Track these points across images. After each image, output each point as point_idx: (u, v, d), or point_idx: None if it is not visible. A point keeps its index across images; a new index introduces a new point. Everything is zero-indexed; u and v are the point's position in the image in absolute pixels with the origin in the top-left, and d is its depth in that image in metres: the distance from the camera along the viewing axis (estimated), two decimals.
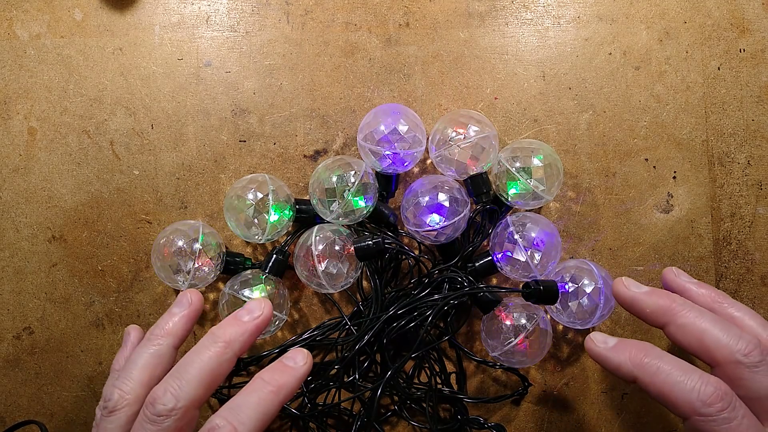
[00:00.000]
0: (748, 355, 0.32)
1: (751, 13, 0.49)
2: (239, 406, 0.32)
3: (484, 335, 0.46)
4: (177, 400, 0.32)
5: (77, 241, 0.49)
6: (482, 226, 0.47)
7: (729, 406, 0.31)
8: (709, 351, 0.33)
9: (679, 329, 0.34)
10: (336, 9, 0.49)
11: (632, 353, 0.34)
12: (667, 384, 0.32)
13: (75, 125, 0.49)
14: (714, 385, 0.31)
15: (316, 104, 0.49)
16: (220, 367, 0.34)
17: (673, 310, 0.35)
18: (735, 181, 0.49)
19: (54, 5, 0.49)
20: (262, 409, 0.32)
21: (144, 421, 0.32)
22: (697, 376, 0.32)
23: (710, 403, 0.31)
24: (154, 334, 0.37)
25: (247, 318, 0.36)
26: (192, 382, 0.33)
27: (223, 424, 0.31)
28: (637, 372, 0.33)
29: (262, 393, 0.33)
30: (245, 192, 0.44)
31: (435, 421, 0.44)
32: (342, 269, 0.44)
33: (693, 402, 0.31)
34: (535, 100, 0.49)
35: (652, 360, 0.33)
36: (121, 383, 0.35)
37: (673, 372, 0.32)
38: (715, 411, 0.31)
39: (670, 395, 0.32)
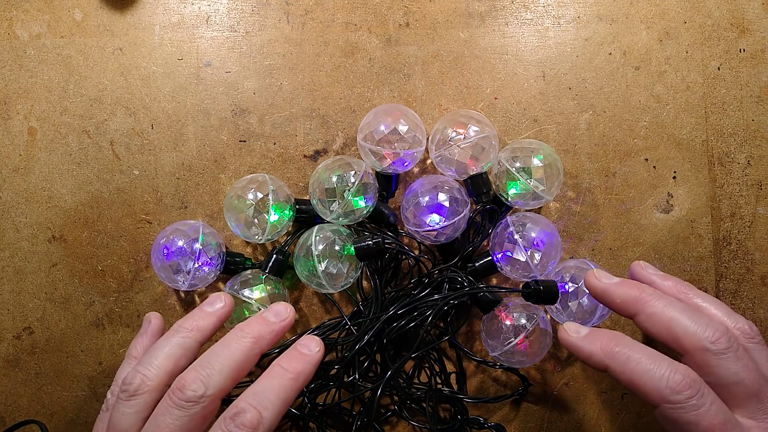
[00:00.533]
0: (715, 342, 0.33)
1: (751, 13, 0.49)
2: (262, 391, 0.33)
3: (484, 335, 0.46)
4: (206, 388, 0.32)
5: (77, 241, 0.49)
6: (482, 226, 0.47)
7: (697, 393, 0.31)
8: (677, 339, 0.34)
9: (648, 318, 0.35)
10: (336, 9, 0.49)
11: (603, 342, 0.35)
12: (637, 372, 0.32)
13: (75, 125, 0.49)
14: (682, 372, 0.32)
15: (316, 104, 0.49)
16: (247, 361, 0.35)
17: (642, 300, 0.35)
18: (735, 181, 0.49)
19: (54, 5, 0.49)
20: (284, 395, 0.33)
21: (171, 407, 0.32)
22: (666, 364, 0.32)
23: (679, 391, 0.31)
24: (183, 326, 0.37)
25: (274, 319, 0.37)
26: (222, 372, 0.33)
27: (248, 408, 0.31)
28: (608, 361, 0.34)
29: (282, 380, 0.34)
30: (245, 192, 0.44)
31: (435, 421, 0.44)
32: (342, 269, 0.44)
33: (662, 390, 0.31)
34: (535, 100, 0.49)
35: (623, 349, 0.34)
36: (144, 368, 0.35)
37: (643, 360, 0.33)
38: (684, 398, 0.31)
39: (640, 383, 0.32)
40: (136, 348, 0.41)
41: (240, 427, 0.31)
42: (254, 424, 0.31)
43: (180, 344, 0.36)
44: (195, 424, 0.32)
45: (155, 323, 0.42)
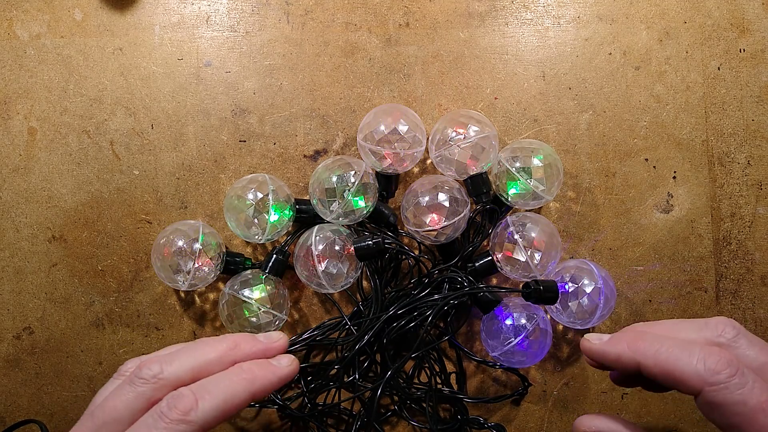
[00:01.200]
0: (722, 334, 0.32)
1: (751, 13, 0.49)
2: (209, 382, 0.32)
3: (484, 335, 0.46)
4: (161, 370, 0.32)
5: (77, 241, 0.49)
6: (482, 226, 0.47)
7: (737, 371, 0.30)
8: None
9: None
10: (336, 9, 0.49)
11: (629, 341, 0.33)
12: (670, 361, 0.31)
13: (75, 125, 0.49)
14: (717, 353, 0.31)
15: (316, 104, 0.49)
16: (217, 360, 0.33)
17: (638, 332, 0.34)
18: (735, 181, 0.49)
19: (54, 5, 0.49)
20: (230, 391, 0.31)
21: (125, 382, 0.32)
22: (698, 348, 0.31)
23: (718, 371, 0.30)
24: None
25: (263, 339, 0.35)
26: (184, 364, 0.32)
27: (186, 393, 0.30)
28: (638, 357, 0.33)
29: (234, 377, 0.32)
30: (245, 192, 0.44)
31: (435, 421, 0.44)
32: (342, 269, 0.44)
33: (701, 373, 0.30)
34: (535, 100, 0.49)
35: (650, 343, 0.33)
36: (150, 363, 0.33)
37: (673, 349, 0.32)
38: (725, 377, 0.30)
39: (676, 371, 0.31)
40: None
41: (172, 409, 0.30)
42: (186, 410, 0.30)
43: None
44: (140, 405, 0.31)
45: None
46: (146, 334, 0.49)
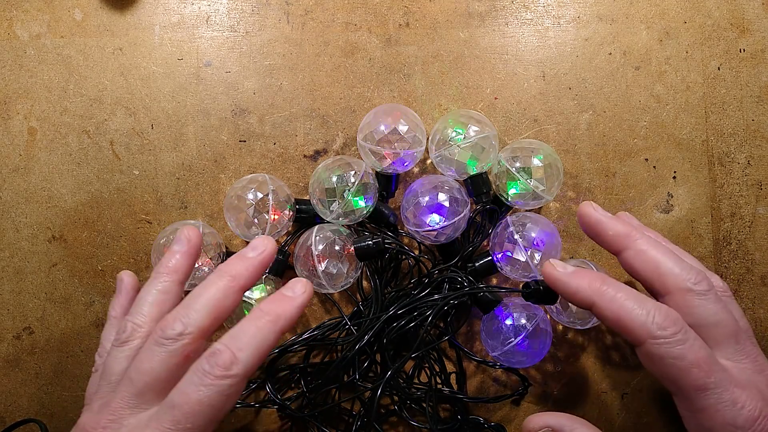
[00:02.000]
0: (697, 284, 0.34)
1: (751, 13, 0.49)
2: (238, 333, 0.33)
3: (484, 335, 0.46)
4: (185, 327, 0.33)
5: (77, 241, 0.49)
6: (482, 226, 0.47)
7: (681, 329, 0.33)
8: (662, 277, 0.35)
9: (637, 255, 0.36)
10: (336, 9, 0.49)
11: (590, 279, 0.35)
12: (624, 309, 0.34)
13: (75, 125, 0.49)
14: (665, 311, 0.33)
15: (316, 104, 0.49)
16: (226, 299, 0.35)
17: (633, 237, 0.37)
18: (735, 181, 0.49)
19: (54, 5, 0.49)
20: (261, 337, 0.33)
21: (152, 344, 0.33)
22: (651, 303, 0.34)
23: (664, 327, 0.33)
24: (159, 272, 0.38)
25: (252, 254, 0.37)
26: (200, 311, 0.34)
27: (222, 349, 0.32)
28: (595, 297, 0.35)
29: (260, 322, 0.34)
30: (245, 192, 0.44)
31: (435, 421, 0.44)
32: (342, 269, 0.44)
33: (648, 325, 0.33)
34: (535, 100, 0.49)
35: (610, 288, 0.35)
36: (133, 317, 0.36)
37: (629, 299, 0.34)
38: (669, 334, 0.32)
39: (626, 320, 0.33)
40: (114, 309, 0.42)
41: (214, 366, 0.32)
42: (227, 364, 0.32)
43: (161, 290, 0.37)
44: (175, 362, 0.33)
45: (128, 280, 0.43)
46: None
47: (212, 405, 0.31)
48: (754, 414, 0.32)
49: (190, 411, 0.31)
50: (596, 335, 0.49)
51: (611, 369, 0.49)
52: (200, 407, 0.31)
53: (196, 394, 0.31)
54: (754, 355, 0.35)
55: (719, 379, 0.32)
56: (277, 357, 0.46)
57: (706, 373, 0.32)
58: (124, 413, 0.33)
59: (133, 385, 0.33)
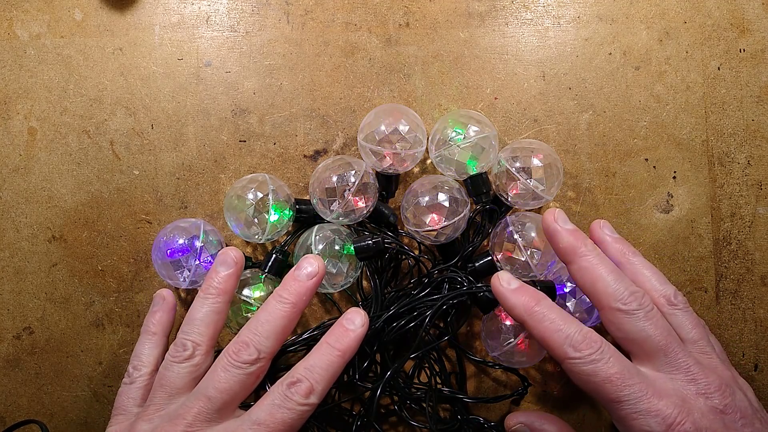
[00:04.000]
0: (626, 303, 0.37)
1: (751, 13, 0.49)
2: (314, 366, 0.38)
3: (484, 335, 0.46)
4: (259, 353, 0.38)
5: (77, 241, 0.49)
6: (482, 226, 0.47)
7: (597, 351, 0.36)
8: (597, 294, 0.38)
9: (579, 270, 0.39)
10: (336, 9, 0.49)
11: (526, 299, 0.39)
12: (548, 330, 0.37)
13: (75, 125, 0.49)
14: (585, 334, 0.37)
15: (316, 104, 0.49)
16: (290, 323, 0.39)
17: (580, 252, 0.39)
18: (735, 181, 0.49)
19: (54, 5, 0.49)
20: (332, 370, 0.38)
21: (229, 366, 0.37)
22: (575, 326, 0.37)
23: (579, 349, 0.36)
24: (209, 293, 0.40)
25: (307, 278, 0.40)
26: (270, 338, 0.38)
27: (303, 380, 0.37)
28: (525, 317, 0.38)
29: (331, 357, 0.38)
30: (245, 192, 0.44)
31: (435, 421, 0.44)
32: (342, 269, 0.44)
33: (565, 347, 0.36)
34: (535, 100, 0.49)
35: (542, 309, 0.38)
36: (191, 336, 0.39)
37: (555, 320, 0.37)
38: (584, 355, 0.36)
39: (549, 340, 0.37)
40: (154, 325, 0.44)
41: (295, 394, 0.36)
42: (307, 393, 0.37)
43: (214, 310, 0.40)
44: (250, 381, 0.38)
45: (170, 300, 0.45)
46: None
47: (292, 426, 0.36)
48: (668, 421, 0.34)
49: (274, 428, 0.36)
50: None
51: None
52: (283, 427, 0.36)
53: (281, 415, 0.36)
54: (686, 366, 0.37)
55: (633, 391, 0.35)
56: (277, 357, 0.46)
57: (619, 387, 0.35)
58: (200, 426, 0.36)
59: (210, 401, 0.37)
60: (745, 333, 0.49)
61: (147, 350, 0.43)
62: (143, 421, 0.37)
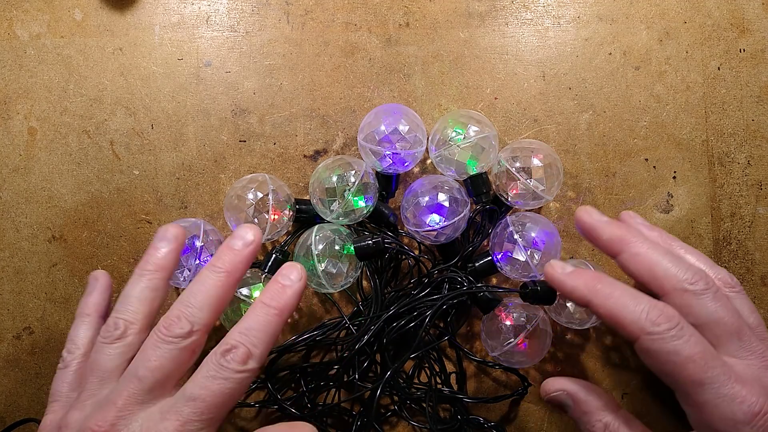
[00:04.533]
0: (693, 284, 0.35)
1: (751, 13, 0.49)
2: (249, 329, 0.35)
3: (484, 335, 0.46)
4: (192, 325, 0.35)
5: (77, 241, 0.49)
6: (482, 226, 0.47)
7: (676, 326, 0.33)
8: (657, 280, 0.36)
9: (632, 258, 0.37)
10: (336, 9, 0.49)
11: (587, 279, 0.36)
12: (618, 306, 0.34)
13: (75, 125, 0.49)
14: (661, 308, 0.34)
15: (316, 104, 0.49)
16: (225, 294, 0.37)
17: (627, 240, 0.37)
18: (735, 181, 0.49)
19: (54, 5, 0.49)
20: (270, 330, 0.35)
21: (159, 341, 0.34)
22: (646, 300, 0.34)
23: (658, 323, 0.33)
24: (145, 269, 0.38)
25: (241, 246, 0.37)
26: (204, 309, 0.35)
27: (238, 345, 0.34)
28: (590, 296, 0.36)
29: (267, 317, 0.35)
30: (245, 192, 0.44)
31: (435, 421, 0.44)
32: (342, 269, 0.44)
33: (642, 321, 0.33)
34: (535, 100, 0.49)
35: (605, 286, 0.35)
36: (123, 314, 0.37)
37: (623, 296, 0.35)
38: (663, 330, 0.33)
39: (620, 317, 0.34)
40: (87, 306, 0.41)
41: (231, 362, 0.33)
42: (244, 359, 0.34)
43: (150, 287, 0.38)
44: (184, 357, 0.35)
45: (104, 280, 0.43)
46: None
47: (232, 396, 0.33)
48: (754, 409, 0.32)
49: (212, 402, 0.33)
50: (596, 335, 0.49)
51: (611, 369, 0.49)
52: (222, 398, 0.33)
53: (217, 386, 0.33)
54: (761, 351, 0.35)
55: (717, 373, 0.32)
56: (277, 357, 0.46)
57: (703, 368, 0.32)
58: (133, 409, 0.34)
59: (141, 382, 0.34)
60: None
61: (81, 332, 0.40)
62: (76, 410, 0.35)
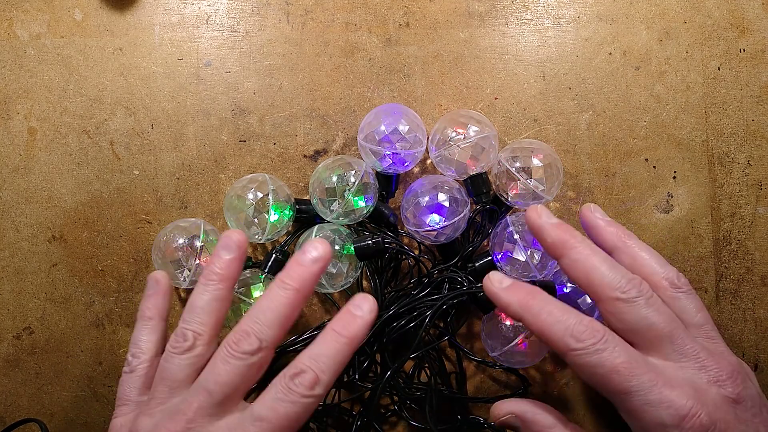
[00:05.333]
0: (626, 291, 0.35)
1: (751, 13, 0.49)
2: (319, 355, 0.35)
3: (484, 335, 0.46)
4: (260, 342, 0.35)
5: (77, 241, 0.49)
6: (482, 226, 0.47)
7: (600, 339, 0.34)
8: (593, 287, 0.36)
9: (571, 263, 0.37)
10: (336, 9, 0.49)
11: (521, 295, 0.37)
12: (547, 324, 0.35)
13: (75, 125, 0.49)
14: (586, 323, 0.35)
15: (316, 104, 0.49)
16: (294, 311, 0.36)
17: (569, 245, 0.37)
18: (735, 181, 0.49)
19: (54, 5, 0.49)
20: (339, 359, 0.35)
21: (229, 356, 0.35)
22: (574, 316, 0.35)
23: (582, 339, 0.34)
24: (210, 279, 0.37)
25: (310, 262, 0.37)
26: (273, 326, 0.35)
27: (307, 370, 0.34)
28: (522, 312, 0.36)
29: (338, 344, 0.35)
30: (245, 192, 0.44)
31: (435, 421, 0.44)
32: (342, 269, 0.44)
33: (566, 338, 0.34)
34: (535, 100, 0.49)
35: (538, 302, 0.36)
36: (191, 326, 0.37)
37: (553, 312, 0.35)
38: (586, 345, 0.34)
39: (549, 333, 0.35)
40: (150, 310, 0.41)
41: (299, 386, 0.34)
42: (312, 384, 0.34)
43: (215, 297, 0.37)
44: (252, 373, 0.35)
45: (165, 283, 0.42)
46: None
47: (297, 420, 0.34)
48: (681, 412, 0.33)
49: (278, 424, 0.33)
50: None
51: None
52: (287, 422, 0.33)
53: (284, 409, 0.33)
54: (694, 353, 0.35)
55: (642, 381, 0.33)
56: (277, 357, 0.46)
57: (627, 378, 0.33)
58: (202, 421, 0.34)
59: (211, 395, 0.34)
60: (745, 333, 0.49)
61: (145, 336, 0.40)
62: (146, 416, 0.36)
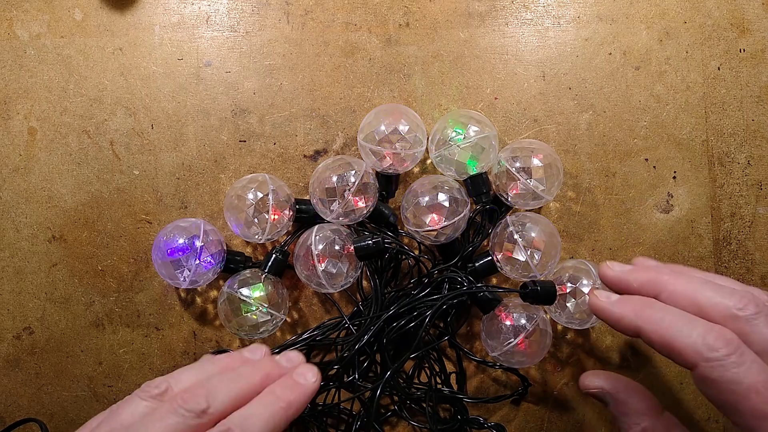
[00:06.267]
0: (743, 309, 0.31)
1: (751, 13, 0.49)
2: (251, 416, 0.32)
3: (484, 335, 0.46)
4: (209, 406, 0.32)
5: (77, 241, 0.49)
6: (482, 226, 0.47)
7: (737, 350, 0.30)
8: (704, 311, 0.32)
9: (671, 296, 0.33)
10: (336, 9, 0.49)
11: (636, 305, 0.33)
12: (671, 332, 0.31)
13: (75, 125, 0.49)
14: (718, 331, 0.30)
15: (316, 104, 0.49)
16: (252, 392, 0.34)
17: (661, 280, 0.34)
18: (735, 181, 0.49)
19: (54, 5, 0.49)
20: (272, 423, 0.33)
21: (169, 411, 0.32)
22: (702, 323, 0.31)
23: (717, 348, 0.30)
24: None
25: (305, 384, 0.35)
26: (227, 401, 0.33)
27: (234, 430, 0.31)
28: (640, 322, 0.33)
29: (273, 408, 0.33)
30: (245, 192, 0.44)
31: (435, 421, 0.44)
32: (342, 269, 0.44)
33: (698, 346, 0.30)
34: (535, 100, 0.49)
35: (656, 311, 0.32)
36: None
37: (676, 321, 0.31)
38: (723, 355, 0.29)
39: (675, 343, 0.31)
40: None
41: None
42: None
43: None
44: None
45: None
46: (146, 334, 0.49)
47: None
48: None
49: None
50: (596, 335, 0.49)
51: (611, 369, 0.49)
52: None
53: None
54: None
55: None
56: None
57: (767, 399, 0.29)
58: None
59: None
60: None
61: None
62: None
